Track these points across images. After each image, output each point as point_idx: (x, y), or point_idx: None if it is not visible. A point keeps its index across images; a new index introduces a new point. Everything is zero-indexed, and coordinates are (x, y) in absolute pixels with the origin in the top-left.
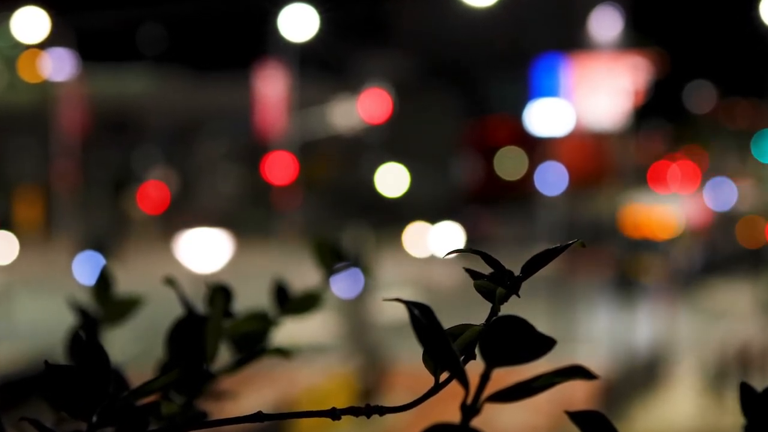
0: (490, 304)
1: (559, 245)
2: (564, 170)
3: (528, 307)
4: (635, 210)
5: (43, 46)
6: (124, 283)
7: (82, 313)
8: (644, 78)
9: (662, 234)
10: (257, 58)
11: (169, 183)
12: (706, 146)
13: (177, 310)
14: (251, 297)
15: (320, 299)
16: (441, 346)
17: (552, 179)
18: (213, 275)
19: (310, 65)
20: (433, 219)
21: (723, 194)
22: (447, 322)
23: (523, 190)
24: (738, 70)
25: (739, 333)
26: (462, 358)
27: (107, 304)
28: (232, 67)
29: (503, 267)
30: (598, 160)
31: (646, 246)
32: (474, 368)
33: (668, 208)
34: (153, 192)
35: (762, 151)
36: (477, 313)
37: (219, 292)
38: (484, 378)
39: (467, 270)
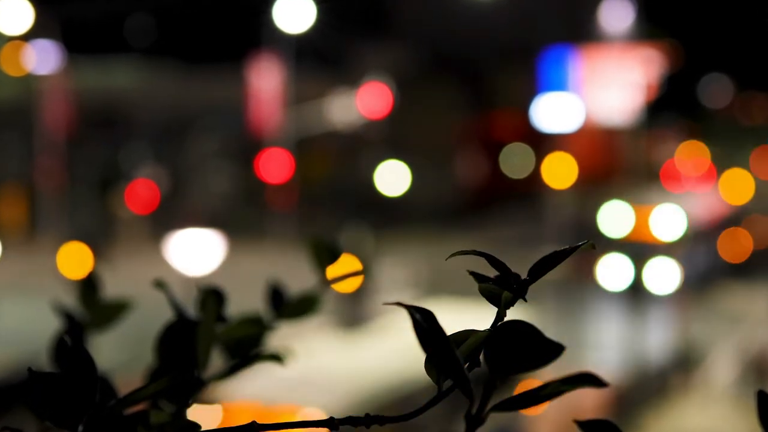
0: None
1: (568, 247)
2: (573, 168)
3: (534, 311)
4: (631, 210)
5: (27, 37)
6: (112, 287)
7: (68, 317)
8: (657, 71)
9: (664, 237)
10: (251, 50)
11: (158, 181)
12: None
13: (167, 315)
14: (245, 300)
15: (317, 303)
16: (444, 353)
17: (560, 177)
18: (205, 278)
19: (306, 58)
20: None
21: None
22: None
23: (529, 188)
24: (755, 62)
25: (757, 338)
26: (466, 365)
27: (94, 309)
28: (224, 59)
29: (509, 269)
30: (608, 157)
31: (645, 251)
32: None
33: (670, 207)
34: (142, 191)
35: None
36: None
37: (211, 295)
38: (489, 386)
39: (471, 273)
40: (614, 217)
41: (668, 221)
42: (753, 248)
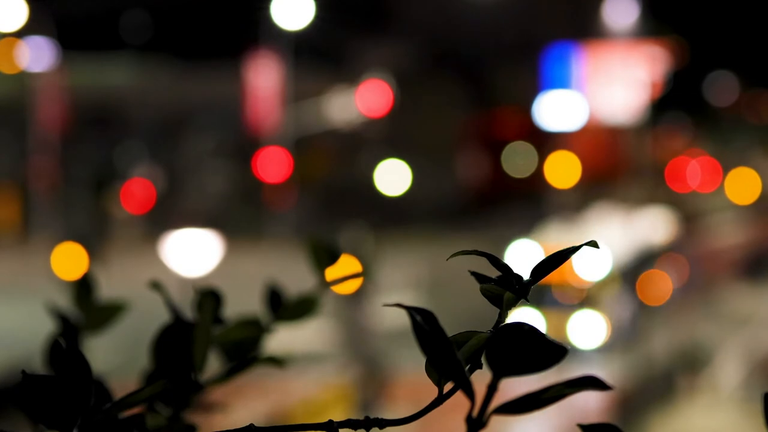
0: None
1: (570, 247)
2: (576, 167)
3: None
4: (541, 250)
5: (21, 34)
6: (107, 288)
7: (62, 319)
8: (662, 68)
9: (578, 281)
10: (249, 47)
11: (154, 180)
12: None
13: (163, 317)
14: (243, 302)
15: (316, 304)
16: (445, 355)
17: (563, 176)
18: (202, 279)
19: (305, 55)
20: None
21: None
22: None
23: (532, 187)
24: (761, 59)
25: (764, 340)
26: (467, 367)
27: (89, 310)
28: (222, 56)
29: (511, 270)
30: (612, 156)
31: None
32: (480, 378)
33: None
34: (137, 190)
35: None
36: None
37: (208, 297)
38: (491, 389)
39: (473, 273)
40: (522, 259)
41: (589, 262)
42: (672, 289)
